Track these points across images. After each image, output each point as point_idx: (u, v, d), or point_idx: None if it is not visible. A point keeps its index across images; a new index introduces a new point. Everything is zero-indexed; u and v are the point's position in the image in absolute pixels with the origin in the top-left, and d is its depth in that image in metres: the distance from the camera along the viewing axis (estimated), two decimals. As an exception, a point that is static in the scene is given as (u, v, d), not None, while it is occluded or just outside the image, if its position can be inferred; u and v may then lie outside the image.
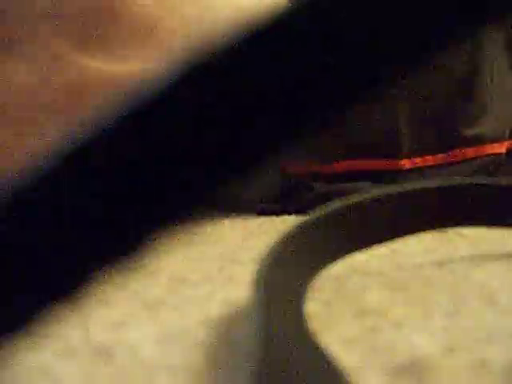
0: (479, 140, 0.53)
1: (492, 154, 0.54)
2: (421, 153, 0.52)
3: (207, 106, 0.11)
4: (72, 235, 0.12)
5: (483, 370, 0.20)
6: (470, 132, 0.53)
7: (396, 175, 0.52)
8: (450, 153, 0.53)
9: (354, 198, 0.30)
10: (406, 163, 0.52)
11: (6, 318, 0.12)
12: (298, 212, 0.51)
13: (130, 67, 0.41)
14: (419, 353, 0.22)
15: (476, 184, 0.31)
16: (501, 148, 0.54)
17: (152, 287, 0.31)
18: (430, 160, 0.53)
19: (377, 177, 0.52)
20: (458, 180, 0.31)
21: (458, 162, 0.53)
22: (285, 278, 0.25)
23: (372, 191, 0.30)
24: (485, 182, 0.31)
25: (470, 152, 0.53)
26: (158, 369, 0.22)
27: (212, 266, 0.35)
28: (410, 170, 0.52)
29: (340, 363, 0.21)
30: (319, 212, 0.29)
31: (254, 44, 0.11)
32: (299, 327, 0.21)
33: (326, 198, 0.51)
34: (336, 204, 0.29)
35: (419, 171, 0.52)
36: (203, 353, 0.23)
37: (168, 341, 0.24)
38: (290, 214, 0.52)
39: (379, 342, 0.23)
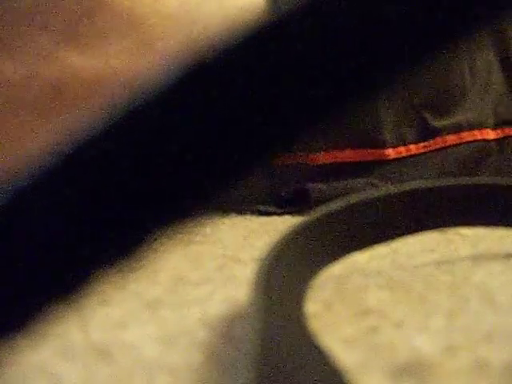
0: (459, 127, 0.53)
1: (475, 141, 0.54)
2: (404, 142, 0.53)
3: (203, 105, 0.11)
4: (72, 235, 0.12)
5: (483, 369, 0.20)
6: (450, 120, 0.53)
7: (381, 165, 0.52)
8: (432, 141, 0.53)
9: (355, 198, 0.30)
10: (390, 153, 0.52)
11: (5, 318, 0.12)
12: (296, 213, 0.51)
13: (112, 64, 0.41)
14: (419, 353, 0.22)
15: (476, 184, 0.31)
16: (483, 135, 0.54)
17: (152, 287, 0.31)
18: (413, 149, 0.53)
19: (362, 167, 0.52)
20: (458, 180, 0.31)
21: (439, 150, 0.53)
22: (285, 277, 0.25)
23: (372, 191, 0.30)
24: (485, 181, 0.31)
25: (450, 139, 0.53)
26: (158, 369, 0.22)
27: (212, 265, 0.35)
28: (395, 160, 0.53)
29: (340, 363, 0.21)
30: (319, 212, 0.29)
31: (242, 44, 0.11)
32: (299, 327, 0.21)
33: (323, 199, 0.50)
34: (336, 204, 0.29)
35: (404, 160, 0.53)
36: (203, 352, 0.23)
37: (168, 341, 0.24)
38: (290, 214, 0.52)
39: (379, 342, 0.23)
